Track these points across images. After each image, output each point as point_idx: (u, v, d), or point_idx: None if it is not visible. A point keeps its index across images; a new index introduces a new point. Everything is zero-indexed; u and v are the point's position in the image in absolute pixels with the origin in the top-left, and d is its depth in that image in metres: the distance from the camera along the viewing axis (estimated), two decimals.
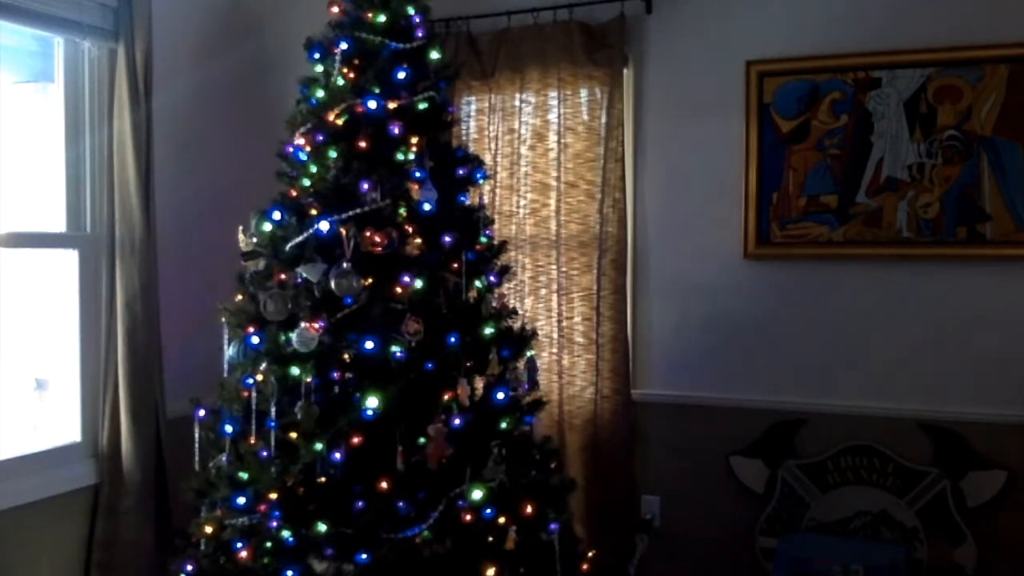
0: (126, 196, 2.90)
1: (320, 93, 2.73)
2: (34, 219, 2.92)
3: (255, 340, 2.58)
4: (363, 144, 2.66)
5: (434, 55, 2.84)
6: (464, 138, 3.71)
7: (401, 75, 2.72)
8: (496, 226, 3.63)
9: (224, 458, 2.58)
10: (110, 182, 2.92)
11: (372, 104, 2.66)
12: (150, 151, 2.96)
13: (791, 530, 3.34)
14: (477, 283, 2.82)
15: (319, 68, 2.78)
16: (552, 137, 3.64)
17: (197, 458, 2.67)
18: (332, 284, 2.52)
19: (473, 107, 3.75)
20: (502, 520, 2.61)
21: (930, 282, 3.23)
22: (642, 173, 3.59)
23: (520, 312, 3.45)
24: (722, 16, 3.44)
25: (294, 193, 2.74)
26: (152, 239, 2.95)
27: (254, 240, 2.70)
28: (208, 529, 2.57)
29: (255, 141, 2.94)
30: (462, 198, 2.87)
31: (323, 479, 2.55)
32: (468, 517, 2.54)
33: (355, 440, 2.51)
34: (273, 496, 2.48)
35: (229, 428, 2.58)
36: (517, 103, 3.68)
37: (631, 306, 3.57)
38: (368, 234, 2.58)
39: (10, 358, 2.87)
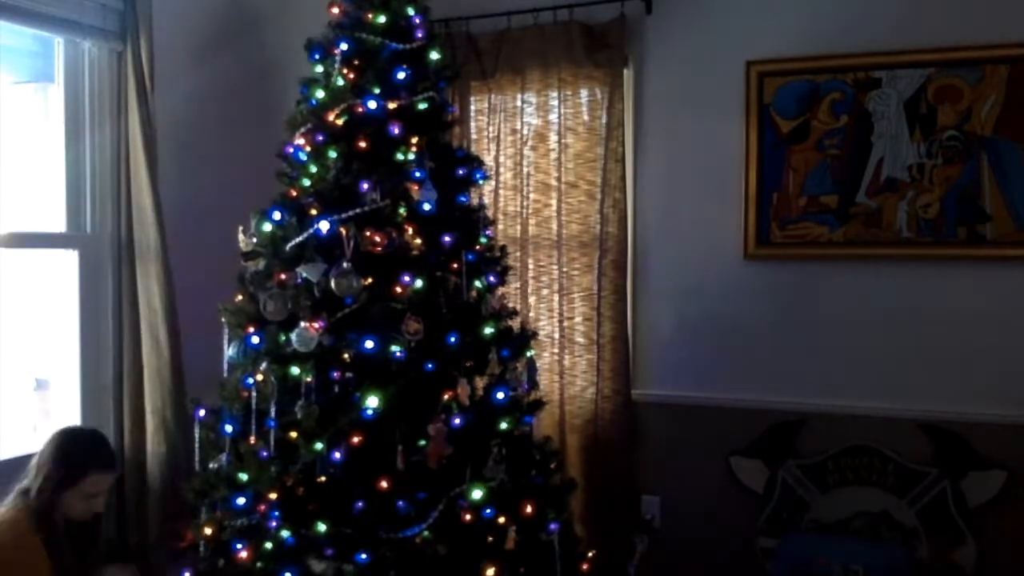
0: (140, 196, 2.91)
1: (320, 93, 2.73)
2: (34, 219, 2.93)
3: (255, 340, 2.59)
4: (363, 144, 2.66)
5: (434, 55, 2.84)
6: (468, 138, 3.71)
7: (401, 75, 2.73)
8: (501, 227, 3.65)
9: (224, 458, 2.58)
10: (119, 182, 2.93)
11: (372, 104, 2.66)
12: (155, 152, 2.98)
13: (791, 530, 3.34)
14: (477, 283, 2.83)
15: (319, 68, 2.78)
16: (553, 137, 3.64)
17: (197, 458, 2.67)
18: (332, 284, 2.52)
19: (473, 107, 3.75)
20: (502, 520, 2.61)
21: (930, 282, 3.23)
22: (642, 173, 3.59)
23: (521, 312, 3.46)
24: (722, 16, 3.44)
25: (294, 193, 2.75)
26: (164, 238, 2.96)
27: (254, 240, 2.70)
28: (207, 531, 2.57)
29: (255, 142, 2.95)
30: (462, 198, 2.87)
31: (323, 479, 2.55)
32: (468, 517, 2.54)
33: (355, 440, 2.51)
34: (273, 496, 2.48)
35: (229, 428, 2.59)
36: (518, 103, 3.68)
37: (631, 306, 3.57)
38: (368, 234, 2.58)
39: (10, 358, 2.87)
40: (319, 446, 2.51)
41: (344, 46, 2.73)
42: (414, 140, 2.70)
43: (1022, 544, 3.12)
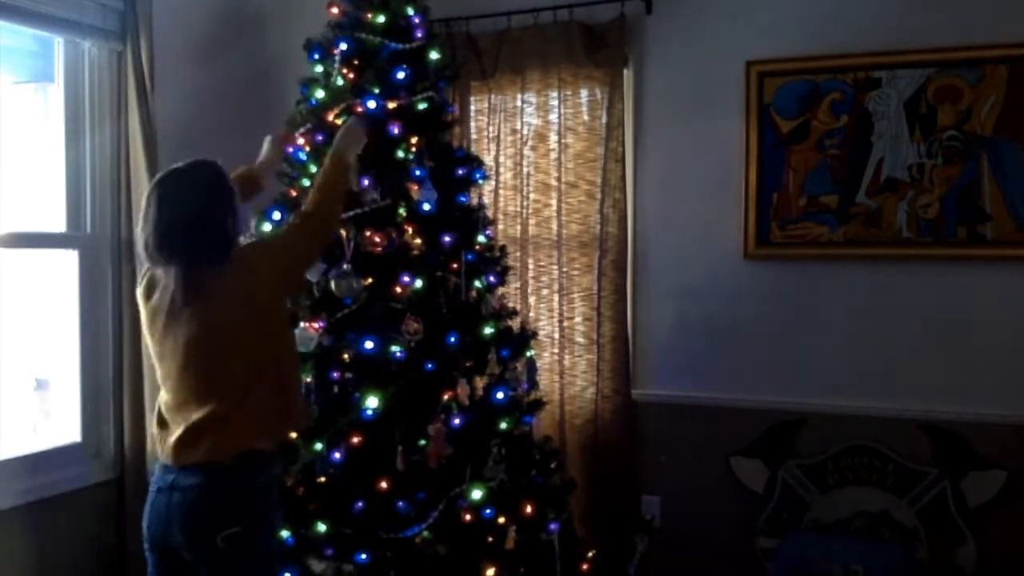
0: (140, 196, 2.90)
1: (320, 93, 2.74)
2: (34, 219, 2.93)
3: None
4: None
5: (434, 55, 2.84)
6: (468, 138, 3.71)
7: (400, 75, 2.73)
8: (502, 227, 3.64)
9: None
10: (119, 182, 2.93)
11: (372, 104, 2.67)
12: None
13: (791, 530, 3.34)
14: (477, 283, 2.83)
15: (319, 68, 2.79)
16: (553, 137, 3.64)
17: None
18: (332, 284, 2.53)
19: (473, 107, 3.75)
20: (502, 520, 2.62)
21: (930, 282, 3.23)
22: (642, 173, 3.59)
23: (521, 312, 3.46)
24: (722, 16, 3.44)
25: (294, 193, 2.76)
26: None
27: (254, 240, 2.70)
28: None
29: (256, 142, 2.95)
30: (462, 198, 2.87)
31: (323, 479, 2.55)
32: (468, 517, 2.54)
33: (355, 440, 2.51)
34: None
35: None
36: (518, 103, 3.68)
37: (631, 306, 3.57)
38: (368, 234, 2.58)
39: (10, 358, 2.87)
40: (319, 446, 2.51)
41: (344, 46, 2.73)
42: (414, 140, 2.71)
43: (1022, 544, 3.12)
